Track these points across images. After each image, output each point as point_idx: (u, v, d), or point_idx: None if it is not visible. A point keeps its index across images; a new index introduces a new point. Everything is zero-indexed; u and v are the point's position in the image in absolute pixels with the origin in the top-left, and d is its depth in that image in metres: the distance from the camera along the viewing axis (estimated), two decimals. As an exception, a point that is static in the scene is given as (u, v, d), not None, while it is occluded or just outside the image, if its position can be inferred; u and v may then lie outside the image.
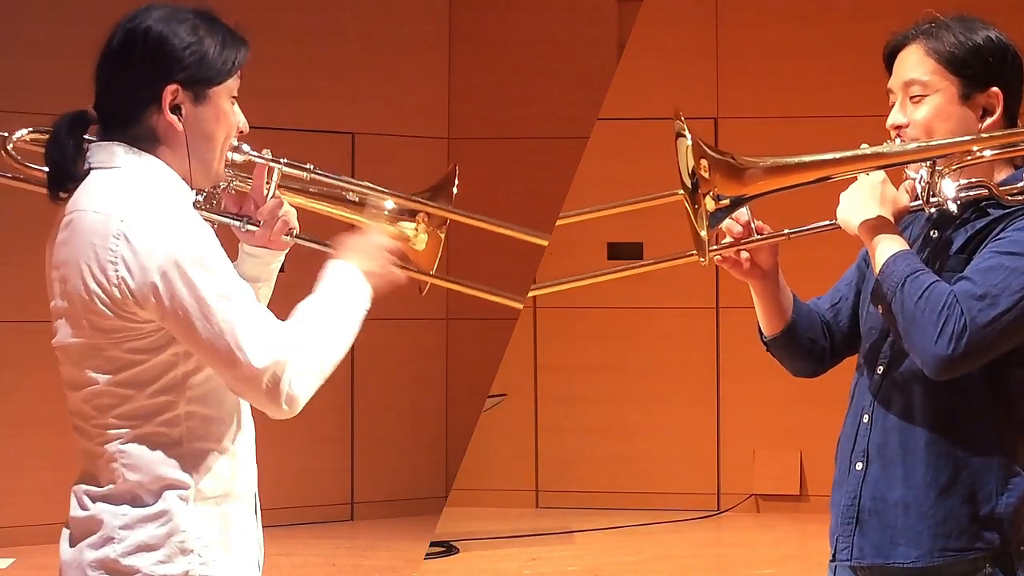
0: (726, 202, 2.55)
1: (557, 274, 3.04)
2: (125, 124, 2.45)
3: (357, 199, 2.77)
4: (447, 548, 7.62)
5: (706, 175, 2.52)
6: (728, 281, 3.44)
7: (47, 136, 2.50)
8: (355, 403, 8.70)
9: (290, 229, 2.67)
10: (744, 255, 2.73)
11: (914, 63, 2.63)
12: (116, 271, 2.34)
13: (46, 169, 2.49)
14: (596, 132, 8.77)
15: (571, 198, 8.65)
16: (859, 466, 2.66)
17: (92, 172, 2.44)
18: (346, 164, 8.58)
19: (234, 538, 2.49)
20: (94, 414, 2.42)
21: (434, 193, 2.80)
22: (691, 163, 2.54)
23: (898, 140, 2.64)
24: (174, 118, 2.43)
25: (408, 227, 2.78)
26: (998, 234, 2.54)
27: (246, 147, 2.59)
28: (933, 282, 2.49)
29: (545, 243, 2.88)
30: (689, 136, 2.54)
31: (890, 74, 2.69)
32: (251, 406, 2.50)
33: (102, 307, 2.35)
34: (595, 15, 9.07)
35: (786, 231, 2.72)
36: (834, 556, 2.71)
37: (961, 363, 2.46)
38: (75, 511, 2.45)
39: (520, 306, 2.83)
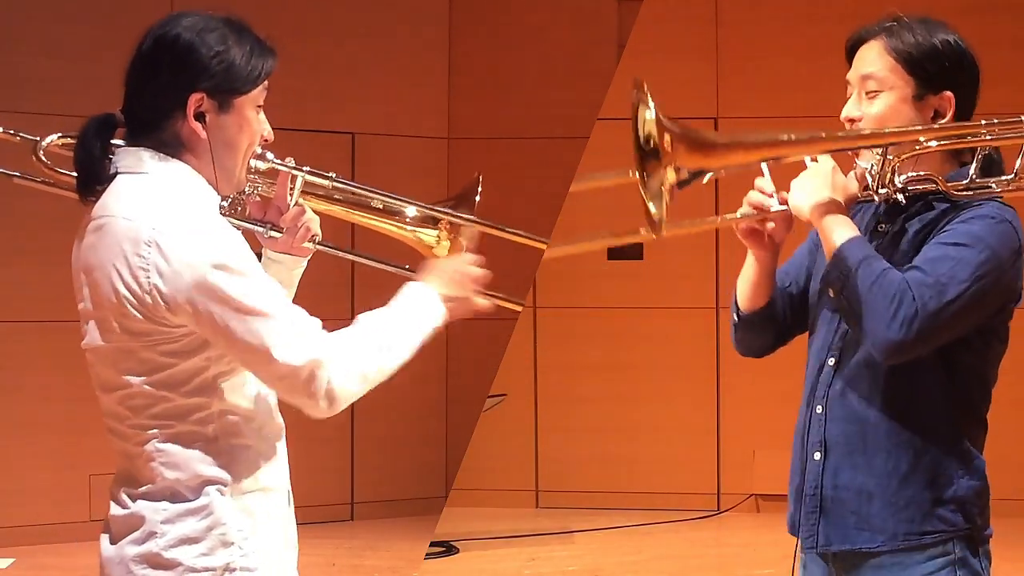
0: (685, 175, 2.58)
1: (557, 274, 3.05)
2: (151, 129, 2.47)
3: (380, 206, 2.80)
4: (447, 548, 7.62)
5: (668, 148, 2.54)
6: (728, 281, 3.43)
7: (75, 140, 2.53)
8: (355, 403, 8.68)
9: (312, 236, 2.72)
10: (770, 225, 2.78)
11: (873, 58, 2.70)
12: (148, 278, 2.36)
13: (75, 173, 2.52)
14: (596, 132, 8.77)
15: (571, 198, 8.66)
16: (817, 456, 2.72)
17: (119, 176, 2.47)
18: (346, 164, 8.58)
19: (272, 530, 2.52)
20: (129, 415, 2.45)
21: (457, 202, 2.84)
22: (653, 134, 2.56)
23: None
24: (198, 125, 2.45)
25: (429, 235, 2.82)
26: (944, 226, 2.61)
27: (270, 155, 2.64)
28: (885, 268, 2.55)
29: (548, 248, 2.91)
30: (653, 108, 2.55)
31: (850, 66, 2.76)
32: (280, 403, 2.54)
33: (133, 312, 2.38)
34: (595, 15, 9.07)
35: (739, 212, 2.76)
36: (799, 544, 2.77)
37: (911, 347, 2.53)
38: (115, 510, 2.49)
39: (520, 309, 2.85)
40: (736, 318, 2.91)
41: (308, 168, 2.70)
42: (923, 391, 2.63)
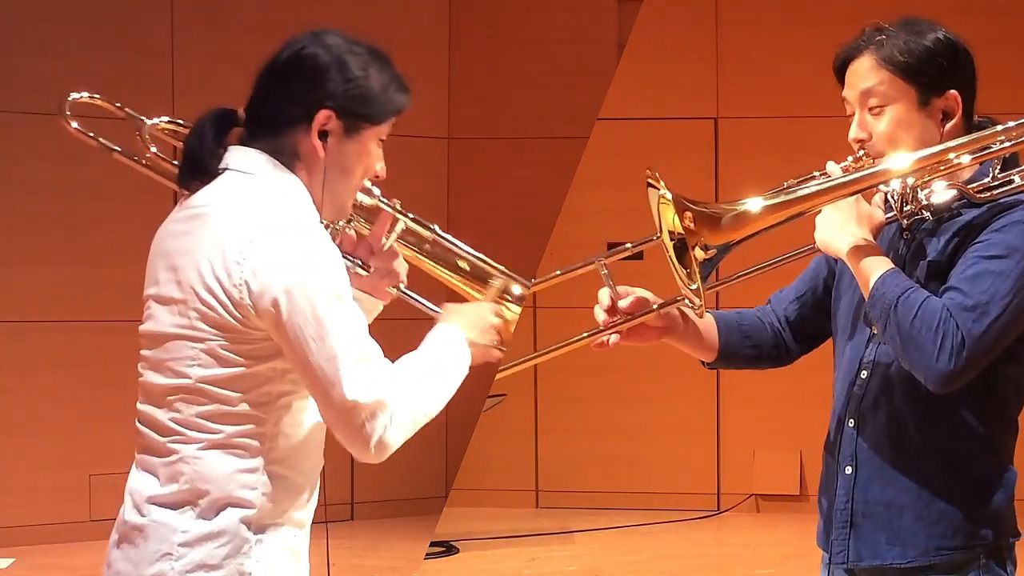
0: (713, 251, 2.54)
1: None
2: (271, 135, 2.42)
3: (466, 267, 2.76)
4: (447, 548, 7.62)
5: (692, 226, 2.52)
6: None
7: (186, 128, 2.50)
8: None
9: (399, 282, 2.68)
10: (614, 338, 2.81)
11: (867, 75, 2.61)
12: (241, 273, 2.30)
13: (175, 161, 2.48)
14: (596, 132, 8.77)
15: (571, 198, 8.66)
16: (848, 470, 2.67)
17: (228, 172, 2.41)
18: (346, 164, 8.58)
19: (290, 568, 2.45)
20: (177, 410, 2.36)
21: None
22: (673, 217, 2.54)
23: (861, 152, 2.62)
24: (319, 143, 2.41)
25: (514, 311, 2.77)
26: (976, 236, 2.54)
27: (376, 191, 2.60)
28: (925, 299, 2.48)
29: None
30: (668, 191, 2.53)
31: (842, 85, 2.67)
32: (325, 439, 2.48)
33: (216, 303, 2.31)
34: (595, 15, 9.07)
35: (654, 306, 2.78)
36: (830, 559, 2.72)
37: (963, 375, 2.47)
38: (130, 515, 2.40)
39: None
40: (707, 368, 2.94)
41: (413, 215, 2.66)
42: (959, 403, 2.57)
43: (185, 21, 8.22)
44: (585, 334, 2.79)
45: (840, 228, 2.57)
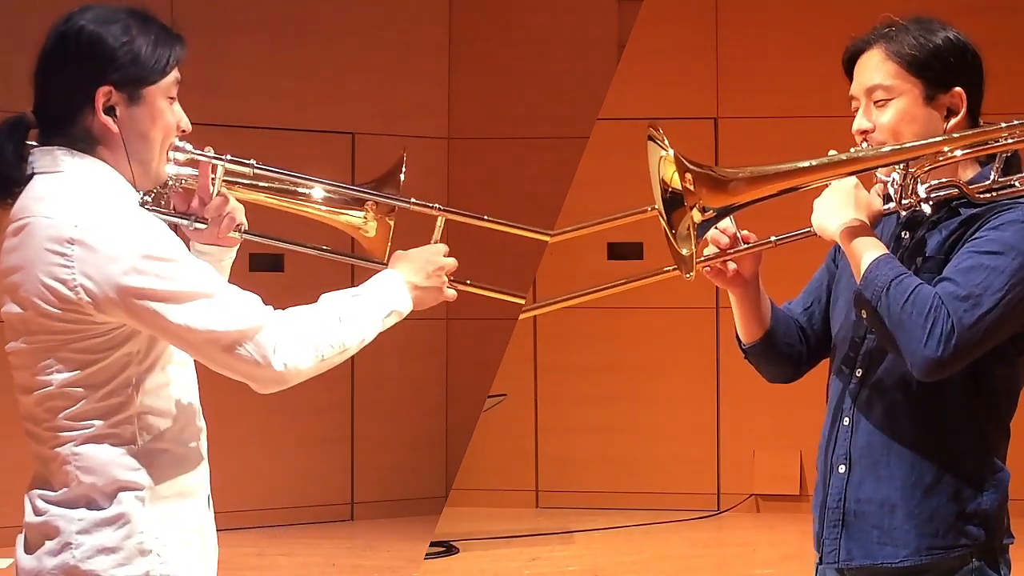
0: (712, 213, 2.55)
1: (557, 274, 3.07)
2: (63, 127, 2.44)
3: (304, 191, 2.76)
4: (447, 548, 7.62)
5: (691, 187, 2.52)
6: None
7: None
8: (355, 403, 8.69)
9: (238, 225, 2.67)
10: (731, 265, 2.75)
11: (876, 67, 2.64)
12: (73, 276, 2.33)
13: None
14: (596, 132, 8.77)
15: (571, 198, 8.66)
16: (842, 469, 2.67)
17: (36, 177, 2.42)
18: (346, 164, 8.58)
19: (192, 537, 2.48)
20: (46, 417, 2.42)
21: (380, 182, 2.81)
22: (674, 176, 2.54)
23: (865, 144, 2.64)
24: (108, 119, 2.42)
25: (356, 216, 2.78)
26: (974, 233, 2.56)
27: (188, 146, 2.57)
28: (917, 285, 2.49)
29: (548, 239, 2.89)
30: (671, 150, 2.53)
31: (850, 80, 2.70)
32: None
33: (56, 311, 2.35)
34: (595, 15, 9.07)
35: (772, 238, 2.73)
36: (821, 559, 2.72)
37: (950, 364, 2.47)
38: (30, 517, 2.47)
39: (522, 301, 2.85)
40: (742, 352, 2.91)
41: (229, 156, 2.64)
42: (951, 402, 2.58)
43: (185, 21, 8.21)
44: (706, 253, 2.73)
45: (837, 211, 2.59)
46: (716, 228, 2.67)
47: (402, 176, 2.80)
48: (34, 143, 2.47)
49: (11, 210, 2.44)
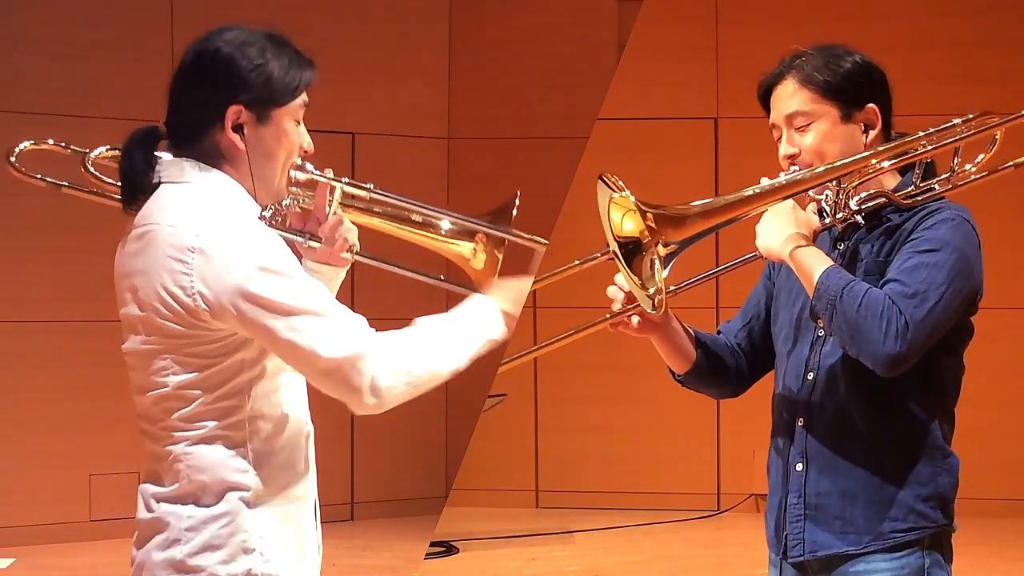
0: (673, 247, 2.71)
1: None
2: (192, 141, 2.52)
3: (418, 218, 2.84)
4: (447, 548, 7.63)
5: (654, 226, 2.69)
6: (728, 281, 3.46)
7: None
8: (355, 403, 8.69)
9: (350, 246, 2.76)
10: (635, 320, 2.97)
11: (792, 95, 2.87)
12: (192, 283, 2.41)
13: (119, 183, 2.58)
14: (596, 132, 8.77)
15: (571, 198, 8.66)
16: (799, 467, 2.81)
17: (162, 186, 2.52)
18: (346, 164, 8.59)
19: (295, 539, 2.55)
20: (161, 416, 2.49)
21: (494, 216, 2.87)
22: (630, 217, 2.74)
23: (794, 168, 2.82)
24: (236, 137, 2.51)
25: (465, 247, 2.85)
26: (910, 234, 2.73)
27: (309, 166, 2.67)
28: (867, 290, 2.65)
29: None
30: (631, 195, 2.71)
31: (767, 111, 2.93)
32: (310, 411, 2.63)
33: (175, 316, 2.43)
34: (595, 15, 9.07)
35: (716, 269, 2.97)
36: (784, 554, 2.83)
37: (908, 357, 2.63)
38: (141, 513, 2.54)
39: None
40: (678, 382, 3.12)
41: (347, 179, 2.74)
42: (902, 394, 2.73)
43: (185, 21, 8.22)
44: (607, 315, 2.99)
45: (780, 233, 2.76)
46: (614, 284, 2.94)
47: (514, 212, 2.87)
48: (164, 154, 2.56)
49: (136, 216, 2.53)
